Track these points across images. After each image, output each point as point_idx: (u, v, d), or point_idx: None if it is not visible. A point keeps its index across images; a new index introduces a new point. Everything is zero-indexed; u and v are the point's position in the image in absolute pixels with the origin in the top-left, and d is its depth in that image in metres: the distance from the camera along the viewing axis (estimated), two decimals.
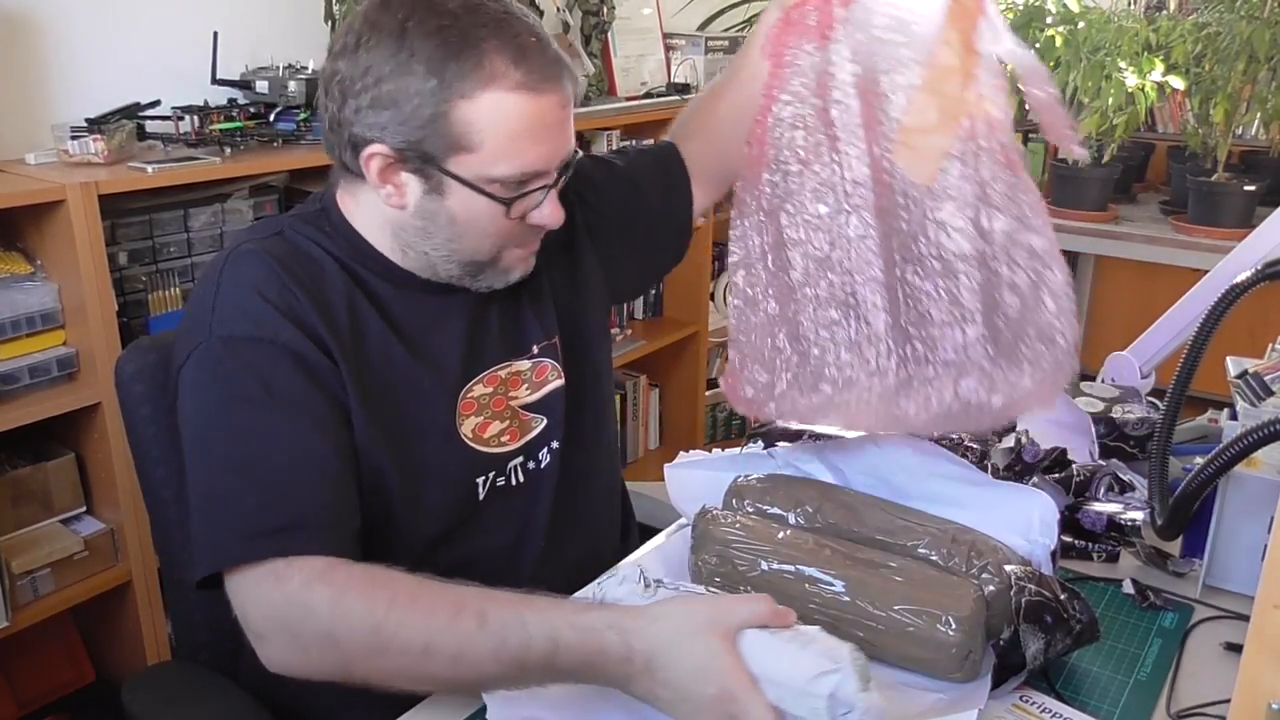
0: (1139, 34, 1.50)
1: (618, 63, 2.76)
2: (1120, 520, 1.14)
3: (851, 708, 0.76)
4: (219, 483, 0.90)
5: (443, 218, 0.95)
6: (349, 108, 0.91)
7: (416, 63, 0.88)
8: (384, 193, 0.95)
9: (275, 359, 0.92)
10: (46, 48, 1.77)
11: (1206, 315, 0.97)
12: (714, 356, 3.26)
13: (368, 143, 0.92)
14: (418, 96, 0.88)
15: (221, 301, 0.95)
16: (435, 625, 0.81)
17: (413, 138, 0.90)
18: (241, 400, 0.91)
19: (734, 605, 0.80)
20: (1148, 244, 2.89)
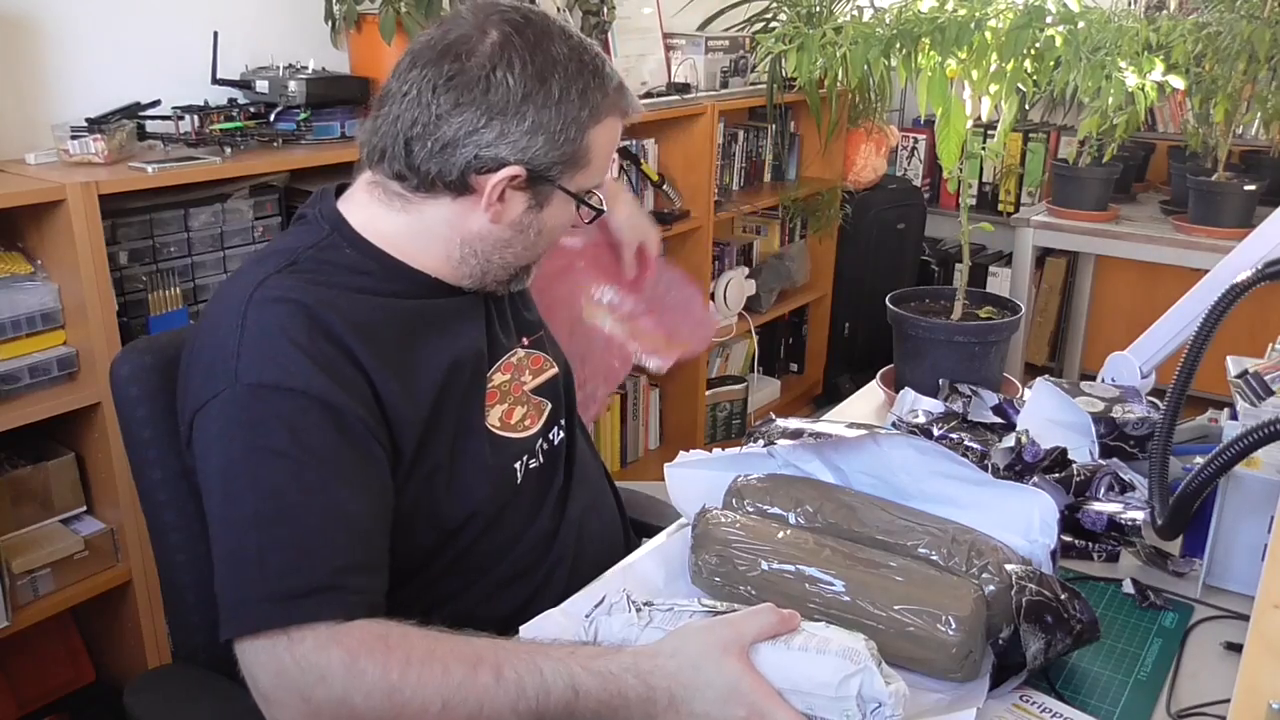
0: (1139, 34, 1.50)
1: (618, 62, 2.76)
2: (1120, 520, 1.14)
3: (881, 702, 0.77)
4: (242, 539, 0.87)
5: (532, 230, 1.02)
6: (486, 134, 0.94)
7: (572, 92, 0.96)
8: (487, 211, 0.98)
9: (305, 410, 0.89)
10: (46, 48, 1.77)
11: (1206, 315, 0.97)
12: (714, 356, 3.26)
13: (502, 164, 0.96)
14: (572, 123, 0.96)
15: (247, 346, 0.91)
16: (452, 682, 0.80)
17: (554, 158, 0.97)
18: (268, 452, 0.88)
19: (742, 624, 0.80)
20: (1148, 244, 2.89)
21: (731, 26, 3.23)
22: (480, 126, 0.94)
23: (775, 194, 3.26)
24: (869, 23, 1.52)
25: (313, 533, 0.87)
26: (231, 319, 0.93)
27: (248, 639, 0.84)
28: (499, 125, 0.94)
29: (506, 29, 0.95)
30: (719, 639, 0.79)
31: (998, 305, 1.66)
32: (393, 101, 0.96)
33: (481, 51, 0.94)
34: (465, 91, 0.94)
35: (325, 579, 0.85)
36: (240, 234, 1.87)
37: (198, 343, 0.98)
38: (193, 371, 0.96)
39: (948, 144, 1.48)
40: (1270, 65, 2.62)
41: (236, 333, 0.92)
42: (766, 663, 0.79)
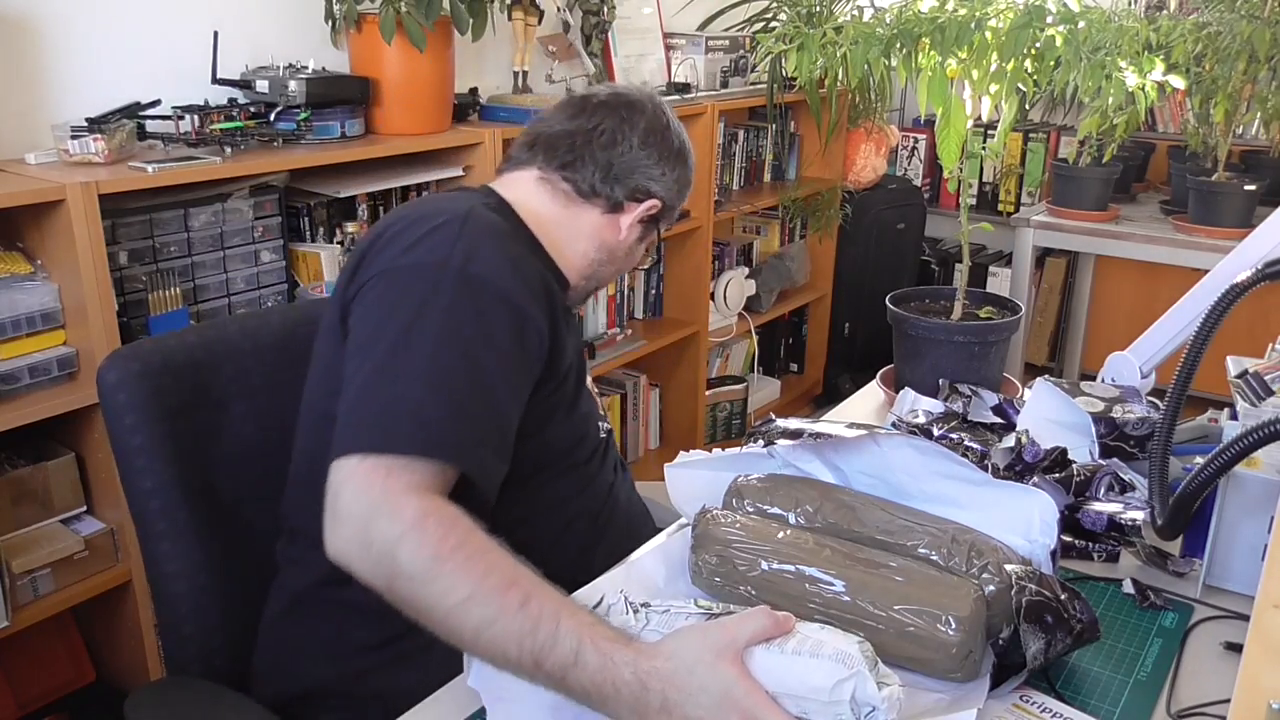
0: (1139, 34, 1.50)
1: (618, 62, 2.76)
2: (1120, 520, 1.14)
3: (875, 706, 0.77)
4: (405, 385, 0.94)
5: (630, 255, 1.25)
6: (655, 170, 1.21)
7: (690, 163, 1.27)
8: (624, 228, 1.21)
9: (497, 309, 1.01)
10: (46, 48, 1.77)
11: (1206, 315, 0.97)
12: (714, 356, 3.26)
13: (652, 195, 1.22)
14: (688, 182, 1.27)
15: (465, 240, 1.02)
16: (485, 586, 0.83)
17: (674, 203, 1.26)
18: (458, 329, 0.98)
19: (736, 627, 0.81)
20: (1148, 244, 2.89)
21: (731, 26, 3.24)
22: (653, 164, 1.21)
23: (775, 194, 3.26)
24: (869, 23, 1.52)
25: (469, 410, 0.96)
26: (450, 219, 1.05)
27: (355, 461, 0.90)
28: (663, 168, 1.22)
29: (661, 105, 1.25)
30: (713, 643, 0.80)
31: (998, 305, 1.66)
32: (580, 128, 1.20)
33: (655, 113, 1.23)
34: (651, 135, 1.21)
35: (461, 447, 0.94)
36: (240, 234, 1.87)
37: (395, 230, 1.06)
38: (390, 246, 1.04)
39: (948, 144, 1.48)
40: (1270, 65, 2.62)
41: (456, 228, 1.04)
42: (760, 667, 0.79)
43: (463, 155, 2.19)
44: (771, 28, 3.20)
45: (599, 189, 1.19)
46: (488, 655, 0.84)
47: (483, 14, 2.05)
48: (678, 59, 2.93)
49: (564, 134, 1.20)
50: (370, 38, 2.00)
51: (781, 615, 0.82)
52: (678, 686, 0.78)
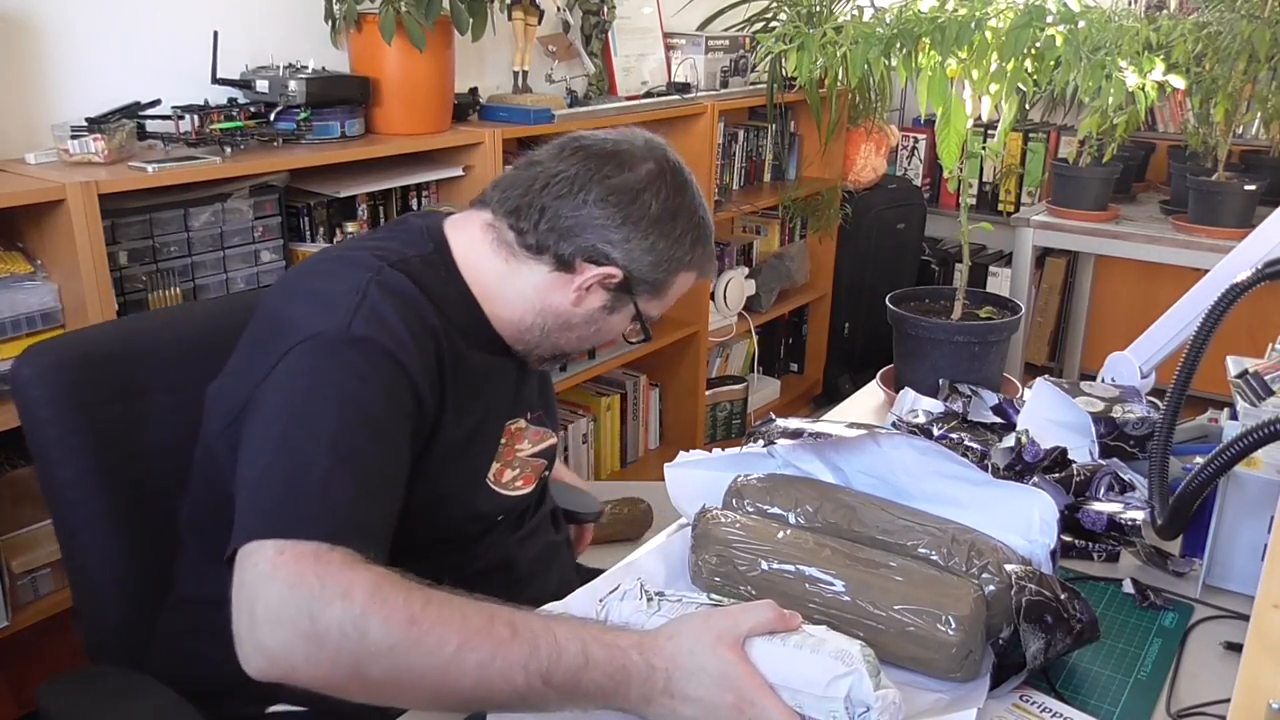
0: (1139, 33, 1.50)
1: (618, 62, 2.76)
2: (1120, 520, 1.14)
3: (869, 706, 0.77)
4: (316, 460, 0.89)
5: (593, 326, 1.13)
6: (614, 233, 1.06)
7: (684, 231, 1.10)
8: (573, 293, 1.09)
9: (398, 381, 0.96)
10: (46, 48, 1.77)
11: (1206, 315, 0.97)
12: (714, 356, 3.26)
13: (609, 260, 1.07)
14: (674, 257, 1.10)
15: (367, 305, 0.98)
16: (470, 627, 0.80)
17: (647, 277, 1.10)
18: (364, 398, 0.93)
19: (740, 615, 0.82)
20: (1148, 244, 2.89)
21: (731, 26, 3.24)
22: (612, 226, 1.06)
23: (775, 194, 3.26)
24: (869, 23, 1.52)
25: (377, 486, 0.92)
26: (352, 283, 1.00)
27: (270, 551, 0.83)
28: (626, 232, 1.06)
29: (664, 166, 1.10)
30: (715, 627, 0.81)
31: (998, 305, 1.66)
32: (544, 172, 1.08)
33: (640, 171, 1.08)
34: (615, 194, 1.06)
35: (373, 523, 0.90)
36: (240, 234, 1.87)
37: (291, 300, 1.02)
38: (295, 310, 1.00)
39: (948, 144, 1.49)
40: (1270, 65, 2.62)
41: (357, 295, 0.98)
42: (760, 656, 0.80)
43: (462, 155, 2.19)
44: (771, 28, 3.20)
45: (544, 244, 1.06)
46: (493, 695, 0.81)
47: (483, 14, 2.05)
48: (678, 59, 2.93)
49: (525, 177, 1.09)
50: (370, 38, 2.00)
51: (789, 613, 0.83)
52: (679, 665, 0.79)
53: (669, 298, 1.14)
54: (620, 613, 0.87)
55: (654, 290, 1.12)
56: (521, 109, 2.30)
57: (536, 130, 2.34)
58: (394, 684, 0.80)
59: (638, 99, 2.70)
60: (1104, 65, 1.37)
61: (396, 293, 1.00)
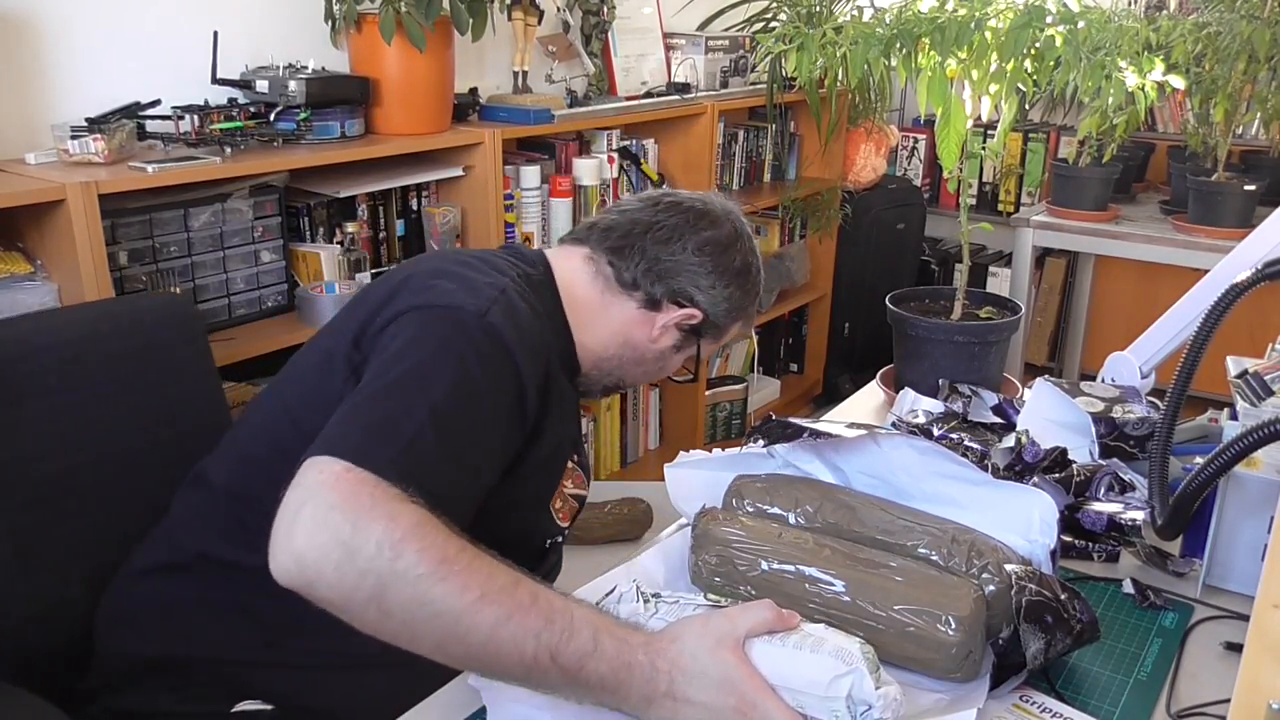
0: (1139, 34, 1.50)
1: (618, 62, 2.76)
2: (1120, 520, 1.14)
3: (870, 705, 0.77)
4: (415, 413, 0.91)
5: (662, 360, 1.24)
6: (704, 279, 1.20)
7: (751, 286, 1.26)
8: (655, 330, 1.20)
9: (511, 378, 1.00)
10: (46, 48, 1.77)
11: (1206, 315, 0.97)
12: (714, 356, 3.26)
13: (694, 303, 1.21)
14: (741, 307, 1.25)
15: (505, 302, 1.03)
16: (494, 585, 0.80)
17: (719, 321, 1.23)
18: (477, 380, 0.96)
19: (738, 616, 0.82)
20: (1148, 244, 2.89)
21: (731, 26, 3.23)
22: (703, 273, 1.20)
23: (775, 194, 3.26)
24: (869, 23, 1.52)
25: (461, 461, 0.94)
26: (496, 281, 1.06)
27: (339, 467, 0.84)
28: (713, 280, 1.20)
29: (741, 228, 1.26)
30: (715, 630, 0.81)
31: (998, 305, 1.66)
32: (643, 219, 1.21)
33: (725, 229, 1.23)
34: (710, 246, 1.20)
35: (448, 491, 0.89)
36: (240, 234, 1.87)
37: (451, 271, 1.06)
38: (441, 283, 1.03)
39: (948, 144, 1.48)
40: (1270, 65, 2.62)
41: (494, 292, 1.04)
42: (760, 657, 0.80)
43: (462, 155, 2.19)
44: (771, 28, 3.20)
45: (639, 282, 1.18)
46: (500, 657, 0.81)
47: (483, 14, 2.05)
48: (678, 59, 2.93)
49: (625, 222, 1.21)
50: (370, 38, 2.00)
51: (787, 612, 0.83)
52: (681, 669, 0.80)
53: (723, 338, 1.28)
54: (619, 615, 0.87)
55: (716, 335, 1.26)
56: (521, 109, 2.30)
57: (536, 130, 2.34)
58: (409, 617, 0.80)
59: (638, 99, 2.70)
60: (1104, 65, 1.37)
61: (528, 310, 1.07)
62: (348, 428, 0.90)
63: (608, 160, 2.60)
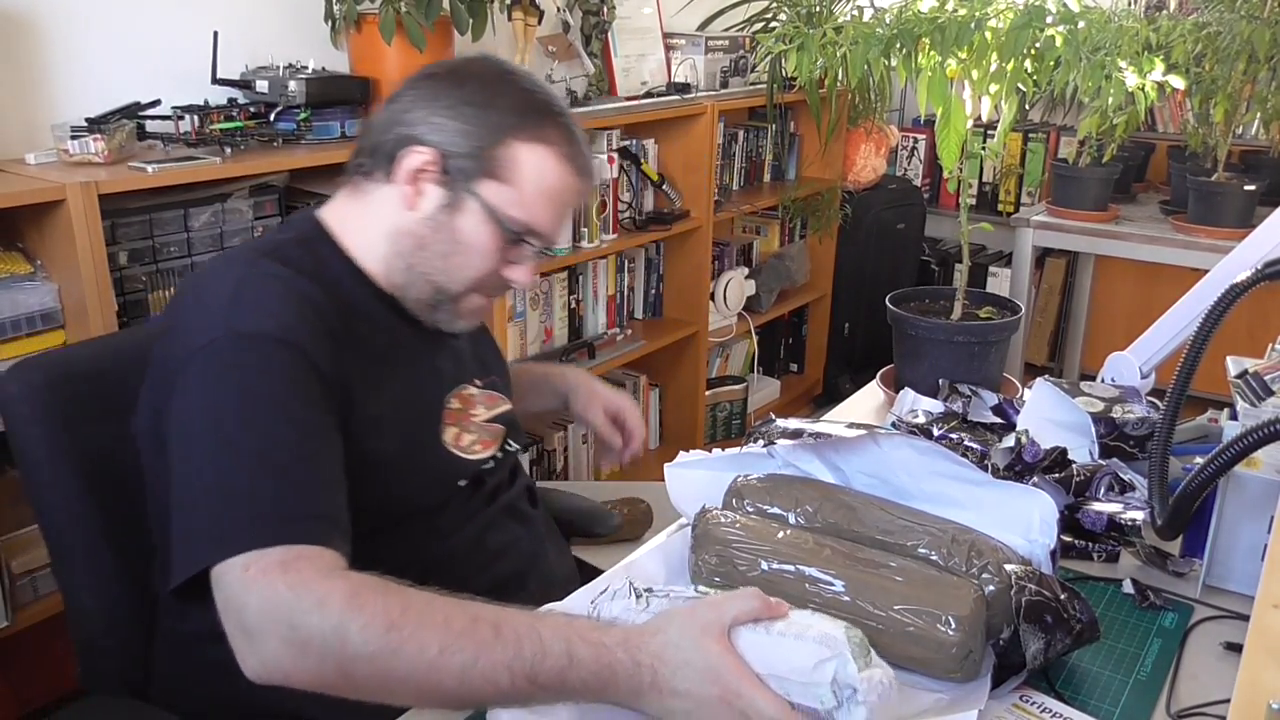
0: (1139, 34, 1.50)
1: (618, 62, 2.76)
2: (1120, 520, 1.14)
3: (854, 689, 0.76)
4: (231, 472, 0.88)
5: (445, 233, 1.05)
6: (417, 112, 1.04)
7: (502, 102, 1.04)
8: (404, 191, 1.04)
9: (298, 363, 0.94)
10: (46, 48, 1.77)
11: (1206, 315, 0.97)
12: (714, 356, 3.26)
13: (417, 141, 1.03)
14: (489, 126, 1.03)
15: (242, 299, 0.96)
16: (452, 631, 0.80)
17: (465, 150, 1.03)
18: (261, 394, 0.92)
19: (724, 605, 0.81)
20: (1148, 244, 2.89)
21: (731, 26, 3.23)
22: (428, 110, 1.03)
23: (775, 194, 3.26)
24: (869, 23, 1.52)
25: (307, 467, 0.90)
26: (224, 283, 0.99)
27: (237, 566, 0.82)
28: (427, 110, 1.04)
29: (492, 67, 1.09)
30: (700, 620, 0.80)
31: (998, 305, 1.66)
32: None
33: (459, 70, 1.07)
34: (427, 80, 1.06)
35: (320, 509, 0.88)
36: (240, 234, 1.87)
37: (181, 314, 1.01)
38: (177, 334, 0.98)
39: (948, 144, 1.48)
40: (1270, 65, 2.62)
41: (229, 290, 0.97)
42: (745, 645, 0.80)
43: None
44: (771, 28, 3.20)
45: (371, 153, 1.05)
46: (479, 696, 0.82)
47: (483, 14, 2.05)
48: (678, 59, 2.93)
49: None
50: (370, 38, 2.00)
51: (774, 600, 0.82)
52: (665, 660, 0.79)
53: (520, 181, 1.03)
54: (610, 611, 0.87)
55: (487, 169, 1.03)
56: None
57: None
58: (381, 686, 0.81)
59: (638, 99, 2.70)
60: (1104, 65, 1.37)
61: (271, 277, 0.99)
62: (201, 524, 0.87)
63: (608, 160, 2.60)
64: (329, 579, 0.82)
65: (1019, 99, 1.54)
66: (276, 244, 1.06)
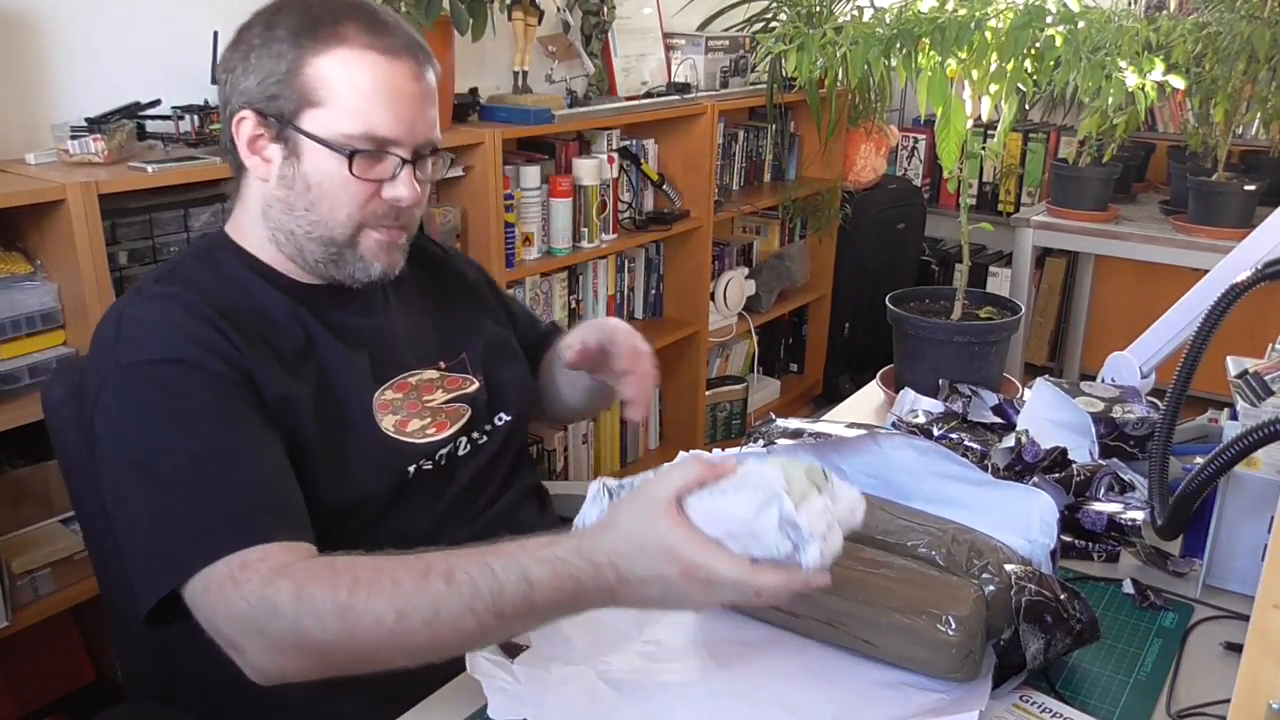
0: (1139, 34, 1.50)
1: (618, 62, 2.76)
2: (1120, 520, 1.14)
3: (796, 524, 0.73)
4: (156, 501, 0.89)
5: (299, 184, 1.01)
6: (228, 82, 1.01)
7: (281, 31, 0.99)
8: (252, 165, 1.02)
9: (185, 376, 0.93)
10: (46, 48, 1.77)
11: (1206, 315, 0.97)
12: (714, 356, 3.26)
13: (238, 110, 1.00)
14: (277, 57, 0.98)
15: (125, 334, 0.96)
16: (403, 593, 0.80)
17: (270, 94, 0.98)
18: (162, 417, 0.91)
19: (663, 480, 0.79)
20: (1148, 244, 2.89)
21: (731, 26, 3.23)
22: (226, 81, 1.02)
23: (775, 194, 3.26)
24: (869, 23, 1.52)
25: (225, 474, 0.89)
26: (108, 322, 0.99)
27: (198, 589, 0.84)
28: (231, 75, 1.01)
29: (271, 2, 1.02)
30: (646, 499, 0.78)
31: (998, 305, 1.66)
32: None
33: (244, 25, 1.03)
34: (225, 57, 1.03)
35: (247, 509, 0.88)
36: None
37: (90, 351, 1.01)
38: (85, 376, 0.99)
39: (948, 144, 1.48)
40: (1270, 65, 2.62)
41: (113, 330, 0.97)
42: (695, 512, 0.77)
43: (463, 155, 2.19)
44: (771, 28, 3.20)
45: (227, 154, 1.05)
46: (452, 645, 0.82)
47: (483, 14, 2.05)
48: (678, 59, 2.93)
49: None
50: None
51: (721, 462, 0.80)
52: (620, 552, 0.77)
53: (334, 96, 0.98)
54: (591, 517, 0.84)
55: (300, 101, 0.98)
56: (521, 109, 2.30)
57: (537, 130, 2.34)
58: (360, 661, 0.82)
59: (638, 99, 2.70)
60: (1104, 65, 1.37)
61: (151, 300, 0.99)
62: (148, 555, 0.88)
63: (608, 160, 2.60)
64: (274, 581, 0.82)
65: (1019, 99, 1.54)
66: (172, 266, 1.06)
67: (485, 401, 1.17)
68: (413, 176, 1.02)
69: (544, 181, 2.43)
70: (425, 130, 1.02)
